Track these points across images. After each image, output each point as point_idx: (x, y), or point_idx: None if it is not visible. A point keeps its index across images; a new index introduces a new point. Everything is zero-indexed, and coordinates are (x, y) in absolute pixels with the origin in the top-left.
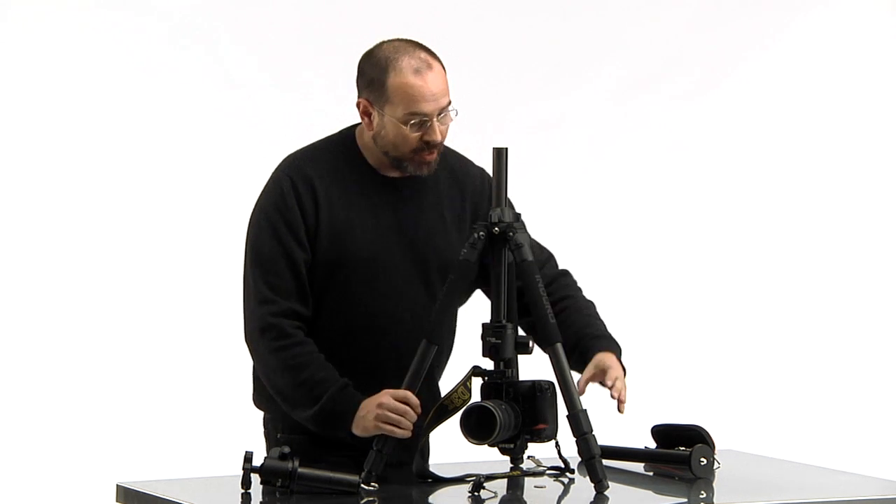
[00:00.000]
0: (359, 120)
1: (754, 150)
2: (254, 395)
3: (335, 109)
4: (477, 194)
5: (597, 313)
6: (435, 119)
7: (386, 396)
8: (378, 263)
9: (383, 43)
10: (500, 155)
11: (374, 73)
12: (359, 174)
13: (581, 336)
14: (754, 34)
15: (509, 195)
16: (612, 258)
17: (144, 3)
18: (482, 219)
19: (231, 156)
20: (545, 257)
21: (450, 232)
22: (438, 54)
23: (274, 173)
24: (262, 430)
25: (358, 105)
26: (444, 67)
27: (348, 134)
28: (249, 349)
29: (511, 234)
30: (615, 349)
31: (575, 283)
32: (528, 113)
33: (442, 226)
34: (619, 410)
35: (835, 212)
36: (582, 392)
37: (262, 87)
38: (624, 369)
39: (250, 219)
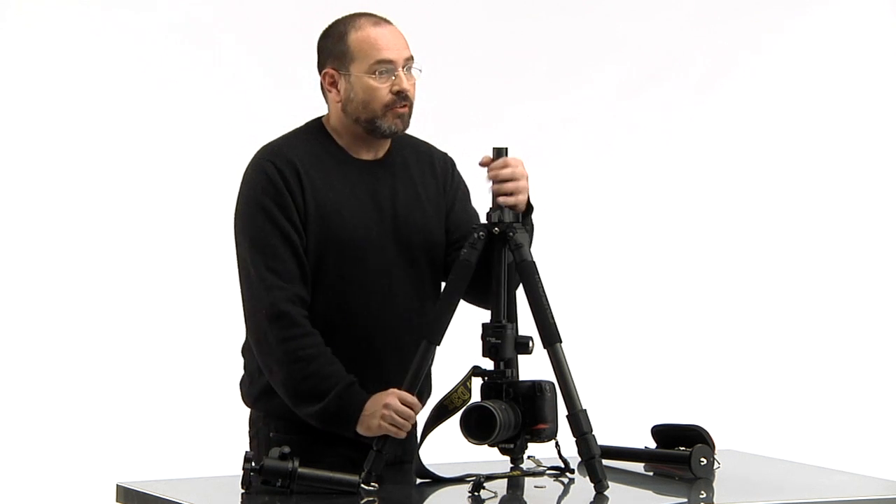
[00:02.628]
0: (320, 114)
1: (754, 150)
2: (245, 391)
3: None
4: (443, 175)
5: None
6: (401, 69)
7: (392, 398)
8: (366, 244)
9: (336, 20)
10: (499, 155)
11: (334, 41)
12: (334, 158)
13: None
14: (754, 33)
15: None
16: (612, 258)
17: (145, 1)
18: (448, 197)
19: (230, 155)
20: None
21: (426, 209)
22: (438, 49)
23: (253, 162)
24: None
25: (323, 79)
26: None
27: (315, 123)
28: (254, 339)
29: (511, 234)
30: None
31: None
32: (528, 113)
33: (418, 203)
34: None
35: (835, 212)
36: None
37: (262, 86)
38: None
39: (237, 209)
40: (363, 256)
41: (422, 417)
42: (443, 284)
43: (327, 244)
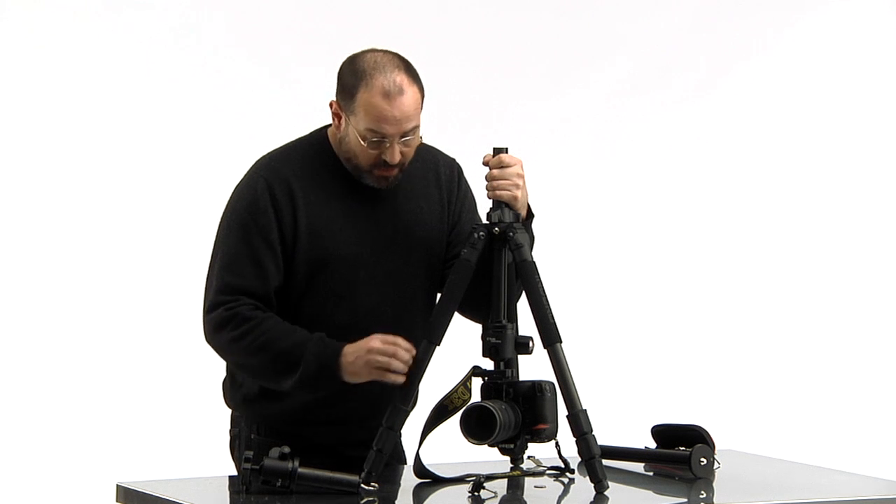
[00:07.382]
0: (318, 114)
1: (754, 151)
2: (228, 394)
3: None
4: (448, 183)
5: None
6: (395, 141)
7: (375, 341)
8: (360, 261)
9: (368, 52)
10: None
11: (350, 80)
12: (333, 174)
13: None
14: (754, 34)
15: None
16: (611, 258)
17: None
18: (454, 208)
19: (228, 155)
20: None
21: (428, 222)
22: (438, 48)
23: (248, 174)
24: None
25: (330, 105)
26: (421, 90)
27: (321, 134)
28: (213, 348)
29: (511, 234)
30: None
31: None
32: (528, 113)
33: (419, 218)
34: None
35: (835, 212)
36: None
37: (260, 86)
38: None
39: (222, 215)
40: (353, 273)
41: (421, 417)
42: (438, 296)
43: (318, 261)
